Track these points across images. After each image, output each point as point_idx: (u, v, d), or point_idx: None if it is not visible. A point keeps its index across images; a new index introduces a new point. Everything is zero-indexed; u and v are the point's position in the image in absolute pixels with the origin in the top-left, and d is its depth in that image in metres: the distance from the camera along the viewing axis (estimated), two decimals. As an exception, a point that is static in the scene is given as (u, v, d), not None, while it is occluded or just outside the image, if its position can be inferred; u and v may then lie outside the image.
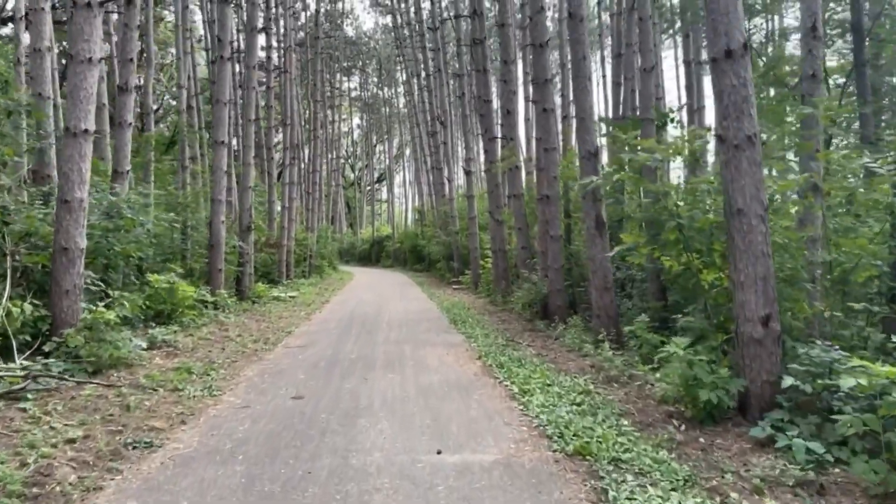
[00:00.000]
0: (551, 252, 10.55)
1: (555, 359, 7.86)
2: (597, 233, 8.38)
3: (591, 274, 8.43)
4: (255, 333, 10.15)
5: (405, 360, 7.83)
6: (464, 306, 14.67)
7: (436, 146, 26.41)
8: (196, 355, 7.95)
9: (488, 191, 16.28)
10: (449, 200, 23.61)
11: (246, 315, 12.26)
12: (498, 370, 7.03)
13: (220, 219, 11.90)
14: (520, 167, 12.75)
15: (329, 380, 6.74)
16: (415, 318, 12.45)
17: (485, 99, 14.90)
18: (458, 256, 22.89)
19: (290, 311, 13.60)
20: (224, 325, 10.68)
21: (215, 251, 11.86)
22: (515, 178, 12.69)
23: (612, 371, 6.61)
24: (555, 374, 6.76)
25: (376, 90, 50.10)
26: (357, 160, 62.52)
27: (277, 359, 8.09)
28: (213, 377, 6.82)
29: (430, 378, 6.76)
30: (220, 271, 11.90)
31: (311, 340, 9.61)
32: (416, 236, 37.16)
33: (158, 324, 9.63)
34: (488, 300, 15.77)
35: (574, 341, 8.63)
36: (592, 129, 8.47)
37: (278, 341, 9.57)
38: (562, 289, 10.55)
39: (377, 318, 12.46)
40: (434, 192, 29.57)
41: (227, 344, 8.99)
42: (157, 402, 5.70)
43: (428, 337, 9.93)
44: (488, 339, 9.51)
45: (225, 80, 11.94)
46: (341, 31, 41.12)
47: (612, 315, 8.34)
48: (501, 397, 5.86)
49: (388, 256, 42.82)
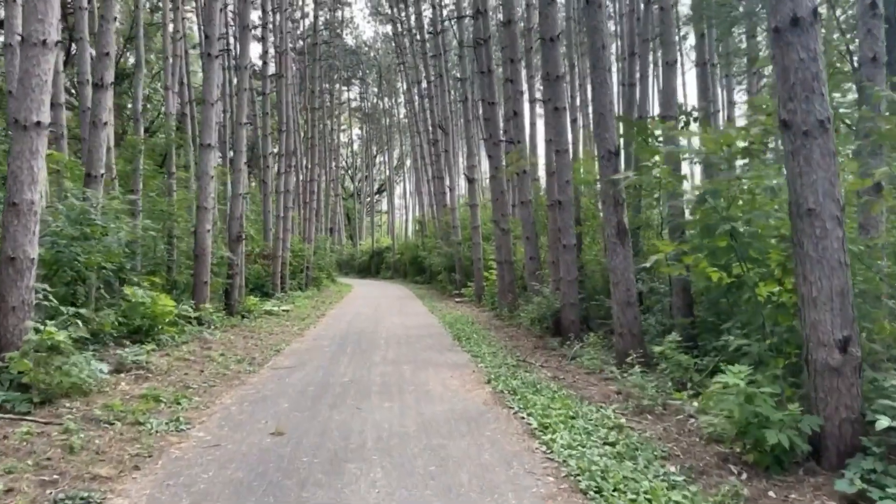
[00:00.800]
0: (564, 262, 9.68)
1: (574, 383, 6.96)
2: (618, 241, 7.51)
3: (613, 287, 7.56)
4: (241, 352, 9.25)
5: (405, 385, 6.93)
6: (468, 321, 13.78)
7: (437, 155, 25.65)
8: (169, 379, 7.06)
9: (493, 199, 15.45)
10: (451, 210, 22.79)
11: (233, 331, 11.36)
12: (511, 398, 6.13)
13: (207, 227, 11.05)
14: (528, 172, 11.94)
15: (317, 410, 5.84)
16: (415, 335, 11.55)
17: (489, 101, 14.11)
18: (461, 268, 22.02)
19: (282, 327, 12.70)
20: (207, 342, 9.78)
21: (201, 262, 11.00)
22: (524, 184, 11.88)
23: (644, 400, 5.71)
24: (577, 403, 5.86)
25: (376, 100, 49.59)
26: (357, 171, 61.89)
27: (261, 383, 7.20)
28: (184, 406, 5.93)
29: (434, 408, 5.86)
30: (206, 284, 11.03)
31: (301, 360, 8.71)
32: (416, 247, 36.34)
33: (134, 342, 8.74)
34: (493, 314, 14.87)
35: (593, 362, 7.73)
36: (612, 125, 7.64)
37: (265, 361, 8.67)
38: (576, 303, 9.67)
39: (375, 335, 11.56)
40: (435, 202, 28.78)
41: (207, 365, 8.09)
42: (110, 440, 4.80)
43: (430, 356, 9.03)
44: (496, 358, 8.62)
45: (212, 79, 11.15)
46: (340, 40, 40.61)
47: (637, 333, 7.46)
48: (518, 434, 4.96)
49: (388, 268, 41.99)
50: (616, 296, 7.52)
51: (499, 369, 7.73)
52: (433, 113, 25.84)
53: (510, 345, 10.06)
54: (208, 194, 11.08)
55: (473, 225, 18.64)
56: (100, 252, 7.77)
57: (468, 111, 18.34)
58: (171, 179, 12.70)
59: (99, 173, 8.94)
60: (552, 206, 10.78)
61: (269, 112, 20.85)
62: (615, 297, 7.54)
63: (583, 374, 7.44)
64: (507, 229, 13.92)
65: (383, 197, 63.35)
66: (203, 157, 11.09)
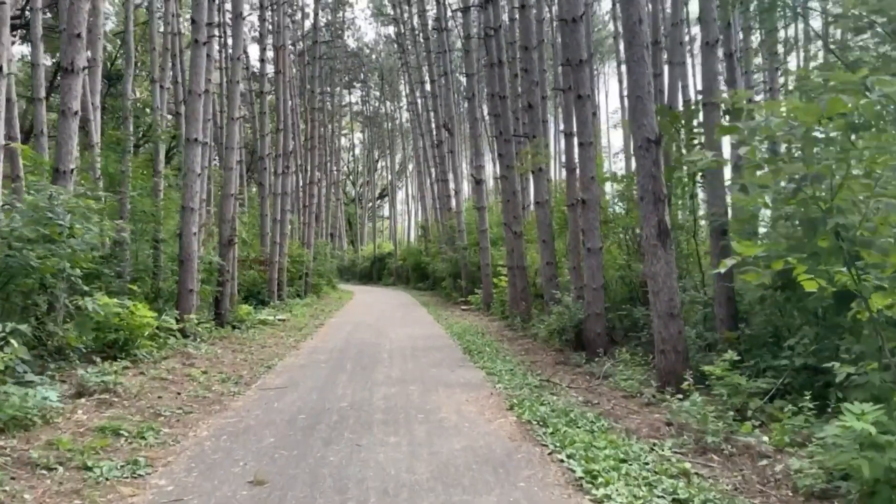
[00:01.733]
0: (588, 268, 8.67)
1: (612, 410, 5.94)
2: (659, 243, 6.50)
3: (653, 296, 6.54)
4: (227, 369, 8.24)
5: (412, 412, 5.91)
6: (477, 331, 12.76)
7: (441, 157, 24.69)
8: (138, 405, 6.04)
9: (503, 200, 14.45)
10: (456, 213, 21.81)
11: (222, 344, 10.35)
12: (542, 431, 5.11)
13: (193, 230, 10.07)
14: (544, 169, 10.95)
15: (308, 447, 4.82)
16: (422, 347, 10.53)
17: (500, 95, 13.13)
18: (467, 274, 21.01)
19: (277, 338, 11.69)
20: (191, 357, 8.77)
21: (186, 268, 10.00)
22: (539, 183, 10.88)
23: (707, 436, 4.68)
24: (624, 439, 4.83)
25: (378, 104, 48.77)
26: (359, 176, 61.02)
27: (246, 408, 6.18)
28: (149, 442, 4.91)
29: (450, 445, 4.83)
30: (192, 292, 10.03)
31: (293, 379, 7.69)
32: (419, 253, 35.38)
33: (107, 358, 7.75)
34: (504, 324, 13.85)
35: (630, 384, 6.70)
36: (651, 110, 6.65)
37: (253, 380, 7.66)
38: (601, 313, 8.66)
39: (377, 347, 10.55)
40: (439, 206, 27.79)
41: (187, 385, 7.08)
42: (44, 493, 3.79)
43: (439, 373, 8.01)
44: (515, 377, 7.59)
45: (199, 67, 10.19)
46: (342, 41, 39.79)
47: (682, 350, 6.44)
48: (560, 486, 3.93)
49: (390, 274, 41.04)
50: (657, 306, 6.50)
51: (520, 391, 6.71)
52: (437, 113, 24.90)
53: (527, 360, 9.04)
54: (194, 194, 10.09)
55: (481, 228, 17.63)
56: (62, 256, 6.76)
57: (475, 109, 17.40)
58: (157, 178, 11.71)
59: (68, 168, 7.94)
60: (572, 206, 9.79)
61: (267, 112, 19.95)
62: (656, 309, 6.52)
63: (619, 398, 6.41)
64: (520, 232, 12.92)
65: (385, 202, 62.50)
66: (188, 153, 10.12)
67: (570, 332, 9.17)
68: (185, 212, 10.09)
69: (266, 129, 20.14)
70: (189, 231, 10.04)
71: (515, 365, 8.58)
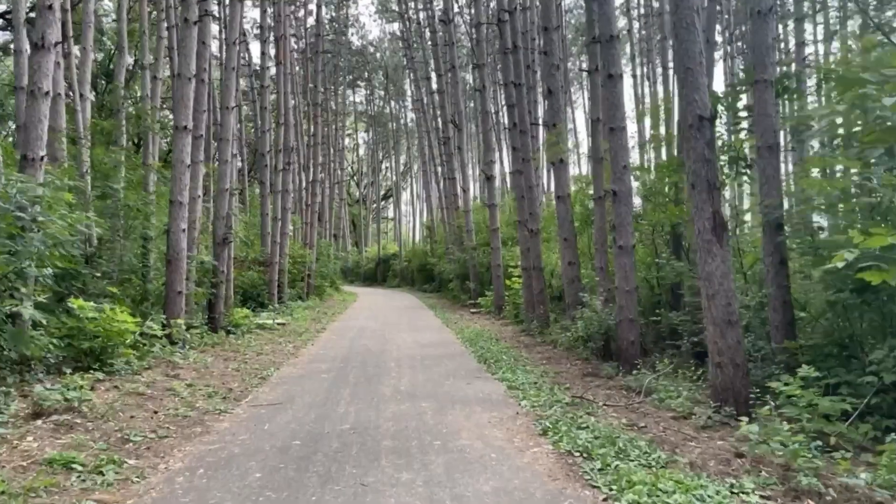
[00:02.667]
0: (620, 268, 7.74)
1: (664, 436, 5.00)
2: (714, 238, 5.57)
3: (707, 300, 5.61)
4: (215, 381, 7.34)
5: (426, 438, 4.99)
6: (490, 337, 11.84)
7: (448, 154, 23.79)
8: (105, 427, 5.14)
9: (517, 196, 13.53)
10: (464, 212, 20.90)
11: (213, 351, 9.46)
12: (587, 465, 4.18)
13: (182, 226, 9.18)
14: (565, 161, 10.02)
15: (301, 487, 3.91)
16: (432, 355, 9.62)
17: (516, 83, 12.20)
18: (475, 275, 20.09)
19: (274, 345, 10.80)
20: (176, 367, 7.88)
21: (174, 268, 9.11)
22: (561, 175, 9.94)
23: (801, 477, 3.74)
24: (691, 477, 3.90)
25: (382, 104, 47.98)
26: (363, 177, 60.22)
27: (232, 431, 5.28)
28: (107, 479, 4.01)
29: (476, 485, 3.91)
30: (181, 294, 9.14)
31: (290, 393, 6.79)
32: (424, 254, 34.55)
33: (79, 369, 6.87)
34: (519, 329, 12.91)
35: (679, 402, 5.76)
36: (703, 83, 5.73)
37: (244, 395, 6.76)
38: (635, 318, 7.73)
39: (383, 355, 9.64)
40: (446, 205, 26.89)
41: (166, 402, 6.18)
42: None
43: (454, 387, 7.09)
44: (541, 392, 6.66)
45: (190, 48, 9.31)
46: (345, 38, 39.00)
47: (741, 363, 5.50)
48: (630, 551, 3.00)
49: (395, 276, 40.19)
50: (712, 312, 5.56)
51: (550, 410, 5.79)
52: (444, 109, 24.00)
53: (551, 371, 8.10)
54: (183, 186, 9.21)
55: (492, 227, 16.71)
56: (23, 255, 5.88)
57: (485, 101, 16.49)
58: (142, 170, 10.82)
59: (37, 156, 7.06)
60: (599, 200, 8.85)
61: (269, 108, 19.10)
62: (711, 315, 5.58)
63: (669, 420, 5.47)
64: (537, 230, 11.98)
65: (390, 203, 61.68)
66: (177, 142, 9.24)
67: (599, 339, 8.24)
68: (173, 206, 9.21)
69: (267, 125, 19.30)
70: (177, 227, 9.16)
71: (538, 377, 7.65)
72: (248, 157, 35.35)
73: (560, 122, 10.06)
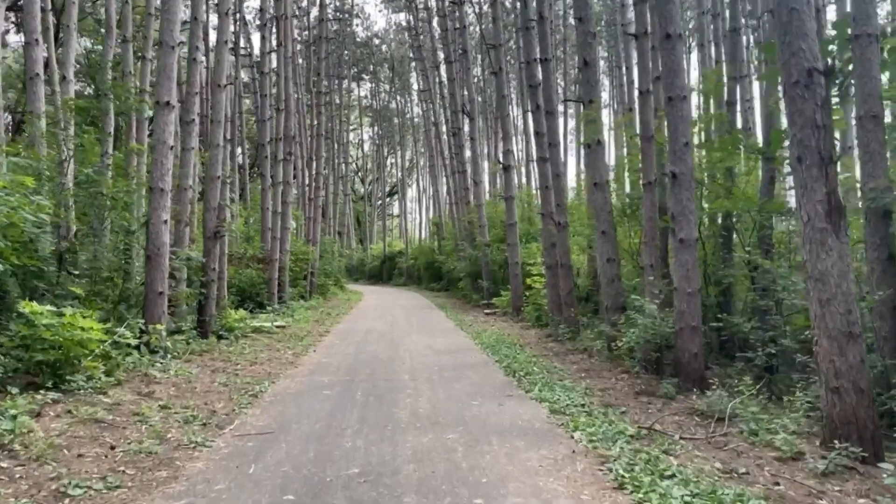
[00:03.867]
0: (681, 266, 6.48)
1: (779, 490, 3.74)
2: (828, 227, 4.31)
3: (819, 306, 4.34)
4: (197, 401, 6.12)
5: (463, 493, 3.75)
6: (512, 342, 10.60)
7: (459, 146, 22.54)
8: (37, 474, 3.92)
9: (540, 186, 12.26)
10: (476, 206, 19.63)
11: (200, 360, 8.25)
12: (701, 547, 2.93)
13: (163, 217, 7.97)
14: (602, 143, 8.72)
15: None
16: (450, 365, 8.38)
17: (541, 58, 10.90)
18: (489, 274, 18.83)
19: (272, 352, 9.58)
20: (152, 382, 6.67)
21: (154, 265, 7.90)
22: (598, 159, 8.63)
23: None
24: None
25: (388, 98, 46.75)
26: (368, 173, 59.03)
27: (206, 476, 4.05)
28: (13, 566, 2.78)
29: (548, 583, 2.66)
30: (162, 295, 7.92)
31: (284, 418, 5.56)
32: (432, 251, 33.36)
33: (31, 386, 5.69)
34: (543, 333, 11.66)
35: (782, 440, 4.49)
36: (811, 29, 4.46)
37: (229, 419, 5.53)
38: (698, 326, 6.47)
39: (395, 364, 8.41)
40: (456, 200, 25.64)
41: (130, 432, 4.96)
42: None
43: (485, 409, 5.84)
44: (593, 418, 5.41)
45: (174, 13, 8.07)
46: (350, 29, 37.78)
47: (865, 388, 4.24)
48: None
49: (401, 274, 39.04)
50: (827, 322, 4.30)
51: (615, 446, 4.53)
52: (454, 98, 22.71)
53: (595, 387, 6.85)
54: (165, 171, 7.99)
55: (509, 222, 15.44)
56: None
57: (502, 85, 15.20)
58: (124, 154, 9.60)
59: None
60: (649, 186, 7.59)
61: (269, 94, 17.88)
62: (824, 325, 4.32)
63: (773, 463, 4.21)
64: (565, 224, 10.70)
65: (395, 200, 60.49)
66: (159, 119, 8.01)
67: (652, 349, 6.97)
68: (153, 194, 7.99)
69: (268, 114, 18.10)
70: (158, 218, 7.94)
71: (582, 395, 6.40)
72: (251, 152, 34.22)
73: (596, 99, 8.80)
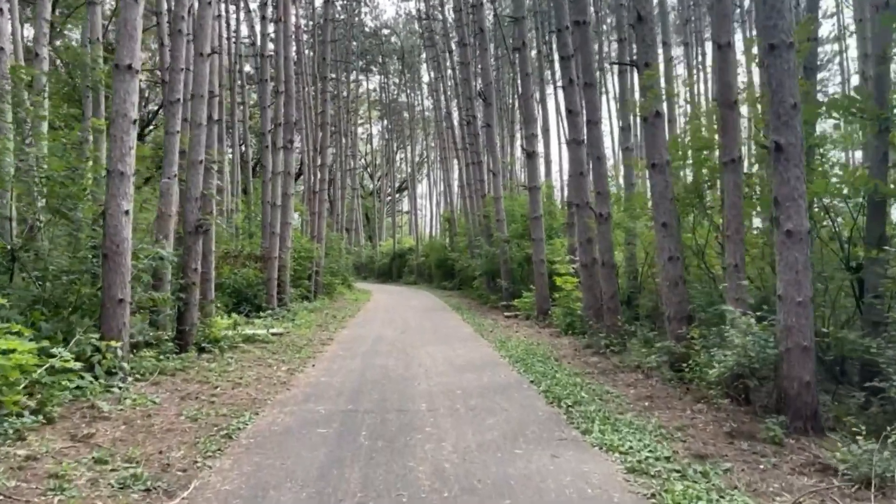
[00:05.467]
0: (788, 267, 4.87)
1: None
2: None
3: None
4: (147, 448, 4.59)
5: None
6: (545, 355, 9.03)
7: (474, 134, 20.93)
8: None
9: (573, 173, 10.64)
10: (494, 199, 18.03)
11: (171, 383, 6.74)
12: None
13: (123, 206, 6.46)
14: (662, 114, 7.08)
15: None
16: (476, 388, 6.82)
17: (577, 21, 9.21)
18: (507, 272, 17.24)
19: (262, 367, 8.07)
20: (96, 420, 5.16)
21: (111, 266, 6.39)
22: (658, 133, 6.95)
23: None
24: None
25: (397, 91, 45.23)
26: (377, 168, 57.56)
27: None
28: None
29: None
30: (122, 303, 6.41)
31: (260, 479, 4.01)
32: (443, 248, 31.83)
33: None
34: (579, 343, 10.05)
35: None
36: None
37: (184, 480, 3.99)
38: (810, 346, 4.87)
39: (408, 388, 6.86)
40: (469, 193, 24.06)
41: (32, 509, 3.44)
42: None
43: (534, 465, 4.27)
44: (690, 483, 3.83)
45: (135, -45, 6.55)
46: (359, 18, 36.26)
47: None
48: None
49: (411, 272, 37.54)
50: None
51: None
52: (468, 83, 21.12)
53: (669, 424, 5.26)
54: (126, 150, 6.47)
55: (533, 215, 13.84)
56: None
57: (525, 61, 13.56)
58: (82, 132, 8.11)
59: None
60: (732, 165, 5.96)
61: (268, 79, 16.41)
62: None
63: None
64: (608, 215, 9.08)
65: (404, 196, 59.00)
66: (119, 87, 6.50)
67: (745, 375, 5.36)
68: (111, 178, 6.48)
69: (268, 100, 16.62)
70: (117, 208, 6.43)
71: (657, 437, 4.83)
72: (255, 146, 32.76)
73: (653, 62, 7.18)
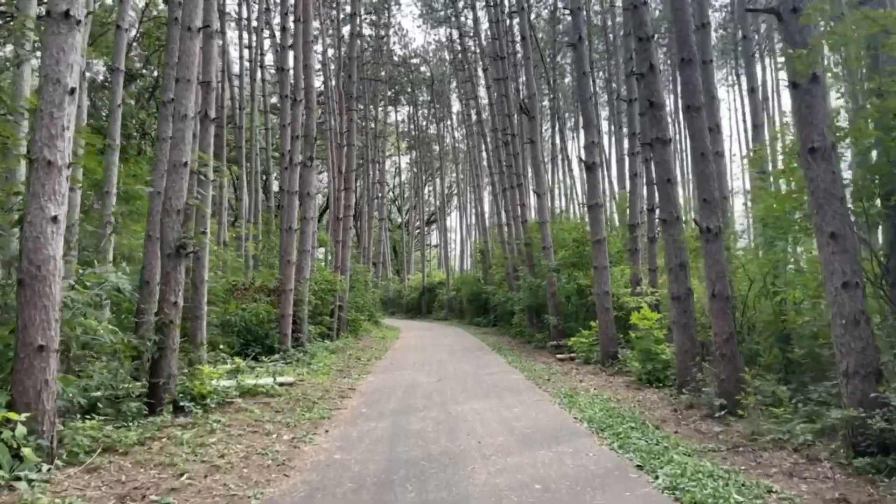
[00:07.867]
0: None
1: None
2: None
3: None
4: None
5: None
6: (634, 417, 6.66)
7: (513, 154, 18.91)
8: None
9: (658, 180, 8.38)
10: (539, 224, 15.83)
11: (116, 468, 4.60)
12: None
13: (51, 211, 4.47)
14: (821, 78, 4.85)
15: None
16: (559, 480, 4.51)
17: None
18: (556, 307, 14.88)
19: (256, 438, 5.89)
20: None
21: (28, 295, 4.36)
22: (815, 105, 4.53)
23: None
24: None
25: (426, 124, 43.98)
26: (405, 201, 56.13)
27: None
28: None
29: None
30: (44, 353, 4.35)
31: None
32: (476, 281, 29.50)
33: None
34: (675, 400, 7.62)
35: None
36: None
37: None
38: None
39: (459, 480, 4.57)
40: (508, 221, 21.90)
41: None
42: None
43: None
44: None
45: None
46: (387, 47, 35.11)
47: None
48: None
49: (442, 307, 35.33)
50: None
51: None
52: (507, 99, 19.21)
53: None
54: (58, 132, 4.52)
55: (595, 238, 11.55)
56: None
57: (582, 59, 11.53)
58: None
59: None
60: None
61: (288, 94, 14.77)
62: None
63: None
64: (718, 230, 6.77)
65: (433, 229, 57.32)
66: (50, 43, 4.60)
67: None
68: (34, 171, 4.52)
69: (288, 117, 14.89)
70: (40, 213, 4.44)
71: None
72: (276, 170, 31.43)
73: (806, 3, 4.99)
